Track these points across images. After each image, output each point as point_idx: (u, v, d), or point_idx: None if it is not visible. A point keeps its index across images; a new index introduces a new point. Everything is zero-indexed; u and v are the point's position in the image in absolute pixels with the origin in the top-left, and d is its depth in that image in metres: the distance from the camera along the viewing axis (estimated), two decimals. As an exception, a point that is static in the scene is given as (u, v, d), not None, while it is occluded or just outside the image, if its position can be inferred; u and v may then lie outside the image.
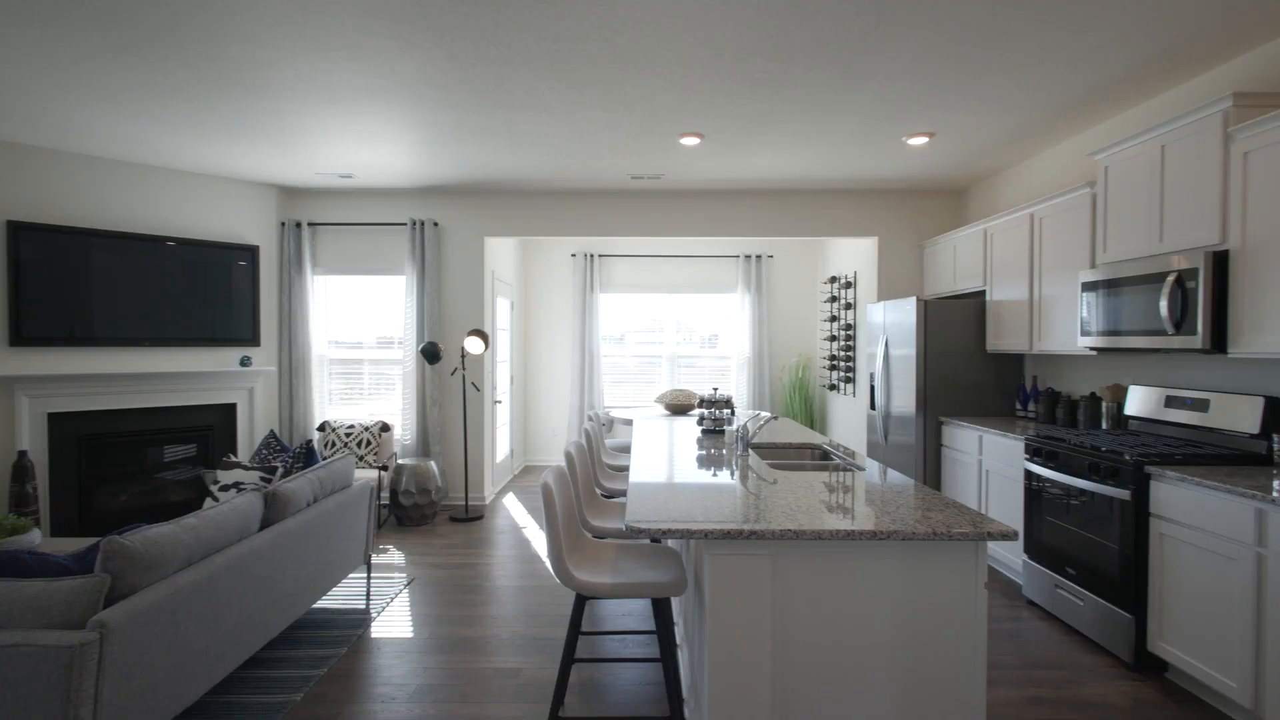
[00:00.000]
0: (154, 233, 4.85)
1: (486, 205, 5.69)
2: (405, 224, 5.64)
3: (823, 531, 1.75)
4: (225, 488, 3.47)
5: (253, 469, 3.52)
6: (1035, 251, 4.04)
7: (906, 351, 4.70)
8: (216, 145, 4.35)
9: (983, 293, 4.71)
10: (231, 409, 5.27)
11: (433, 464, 5.23)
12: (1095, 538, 3.04)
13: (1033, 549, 3.52)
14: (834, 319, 6.62)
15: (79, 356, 4.57)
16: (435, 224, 5.62)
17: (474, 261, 5.69)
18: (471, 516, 5.33)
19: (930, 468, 4.57)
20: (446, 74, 3.20)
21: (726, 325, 7.50)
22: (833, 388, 6.69)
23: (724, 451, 3.05)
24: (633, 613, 3.47)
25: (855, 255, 6.21)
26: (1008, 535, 1.74)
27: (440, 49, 2.94)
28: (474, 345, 5.23)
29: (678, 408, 4.83)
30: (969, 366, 4.59)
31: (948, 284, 5.13)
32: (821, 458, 3.24)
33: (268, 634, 2.65)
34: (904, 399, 4.74)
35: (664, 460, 2.84)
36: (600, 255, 7.36)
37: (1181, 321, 2.85)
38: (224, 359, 5.23)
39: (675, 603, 3.26)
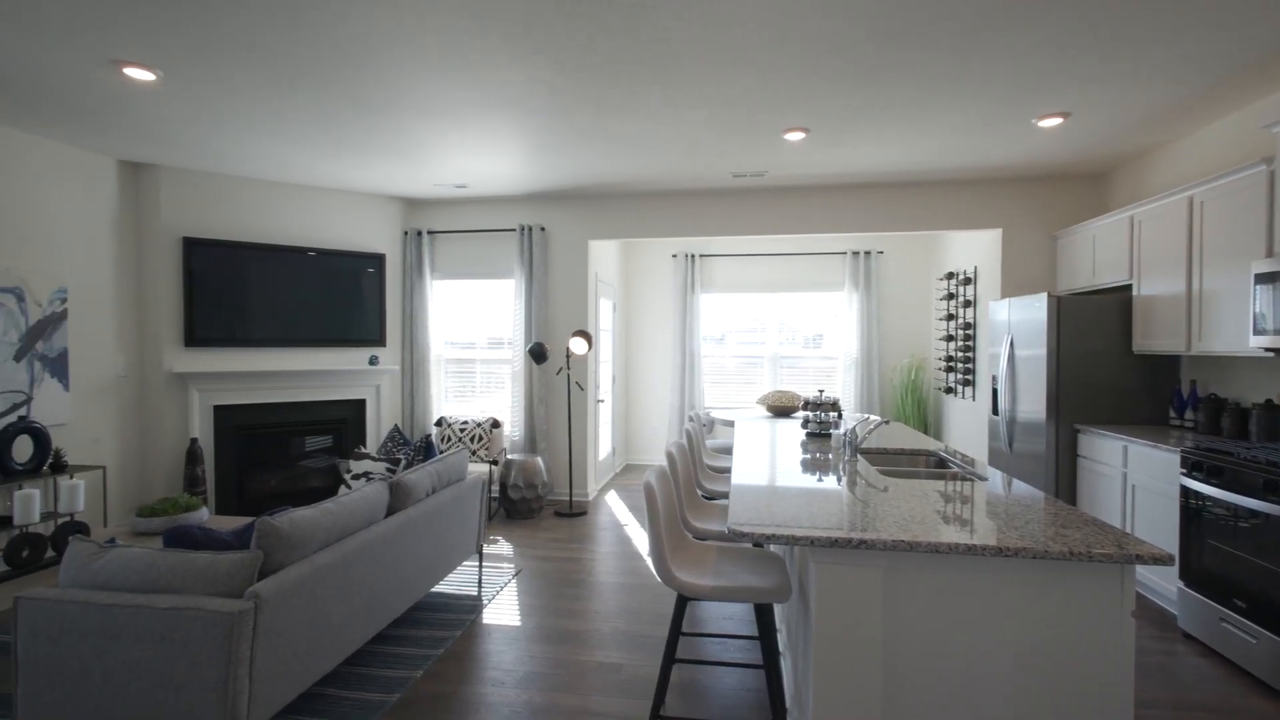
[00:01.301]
0: (297, 244, 5.39)
1: (590, 209, 5.83)
2: (514, 229, 5.90)
3: (940, 544, 1.64)
4: (356, 476, 3.78)
5: (380, 460, 3.82)
6: (1194, 240, 3.58)
7: (1035, 352, 4.31)
8: (349, 163, 4.76)
9: (1128, 287, 4.24)
10: (361, 404, 5.74)
11: (539, 460, 5.43)
12: (1273, 567, 2.64)
13: (1191, 576, 3.12)
14: (951, 317, 6.20)
15: (237, 356, 5.16)
16: (542, 229, 5.83)
17: (578, 264, 5.85)
18: (575, 512, 5.48)
19: (1063, 480, 4.17)
20: (553, 84, 3.32)
21: (832, 325, 7.23)
22: (949, 391, 6.27)
23: (830, 456, 2.94)
24: (733, 616, 3.42)
25: (975, 249, 5.79)
26: (1161, 559, 1.55)
27: (547, 59, 3.04)
28: (578, 345, 5.38)
29: (780, 409, 4.72)
30: (1110, 369, 4.14)
31: (1084, 278, 4.66)
32: (937, 465, 3.05)
33: (392, 613, 2.86)
34: (1032, 404, 4.36)
35: (767, 463, 2.78)
36: (701, 255, 7.34)
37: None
38: (355, 358, 5.71)
39: (778, 609, 3.19)
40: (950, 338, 6.18)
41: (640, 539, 4.79)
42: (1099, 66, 3.09)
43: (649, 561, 4.28)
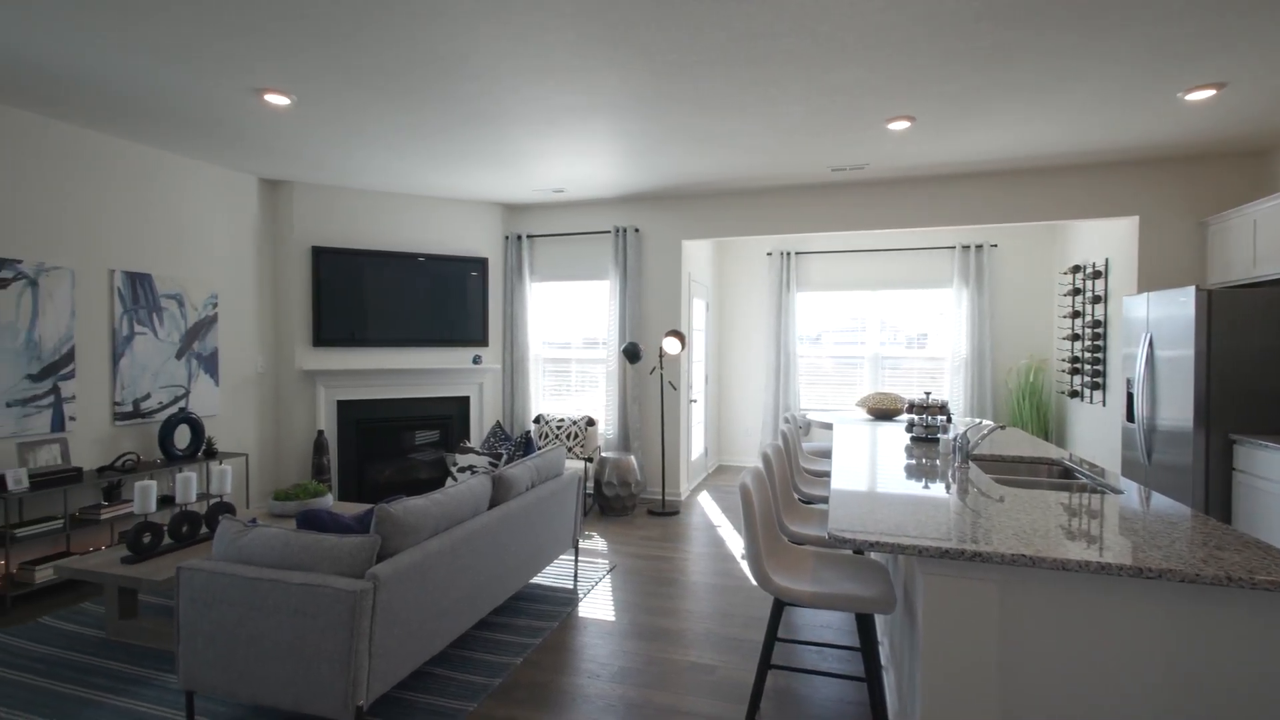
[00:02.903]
0: (408, 250, 5.76)
1: (683, 209, 5.83)
2: (609, 231, 6.00)
3: (1067, 561, 1.51)
4: (462, 469, 3.99)
5: (483, 454, 4.01)
6: (1386, 222, 3.08)
7: (1180, 353, 3.87)
8: (456, 172, 5.02)
9: (1297, 278, 3.72)
10: (466, 401, 6.05)
11: (633, 458, 5.50)
12: None
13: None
14: (1076, 315, 5.69)
15: (356, 355, 5.58)
16: (636, 230, 5.90)
17: (672, 264, 5.87)
18: (668, 511, 5.50)
19: (1214, 496, 3.71)
20: (647, 86, 3.34)
21: (938, 323, 6.83)
22: (1074, 394, 5.75)
23: (937, 462, 2.78)
24: (831, 625, 3.31)
25: (1106, 239, 5.27)
26: (1344, 591, 1.35)
27: (643, 62, 3.07)
28: (671, 345, 5.40)
29: (882, 412, 4.51)
30: (1274, 372, 3.65)
31: (1242, 269, 4.12)
32: (1061, 475, 2.81)
33: (493, 602, 2.99)
34: (1176, 410, 3.91)
35: (868, 467, 2.67)
36: (797, 253, 7.15)
37: None
38: (460, 358, 6.02)
39: (880, 621, 3.05)
40: (1076, 337, 5.67)
41: (733, 541, 4.74)
42: (1262, 28, 2.72)
43: (743, 564, 4.22)
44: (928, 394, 3.53)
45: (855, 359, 7.08)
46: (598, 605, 3.55)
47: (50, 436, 3.84)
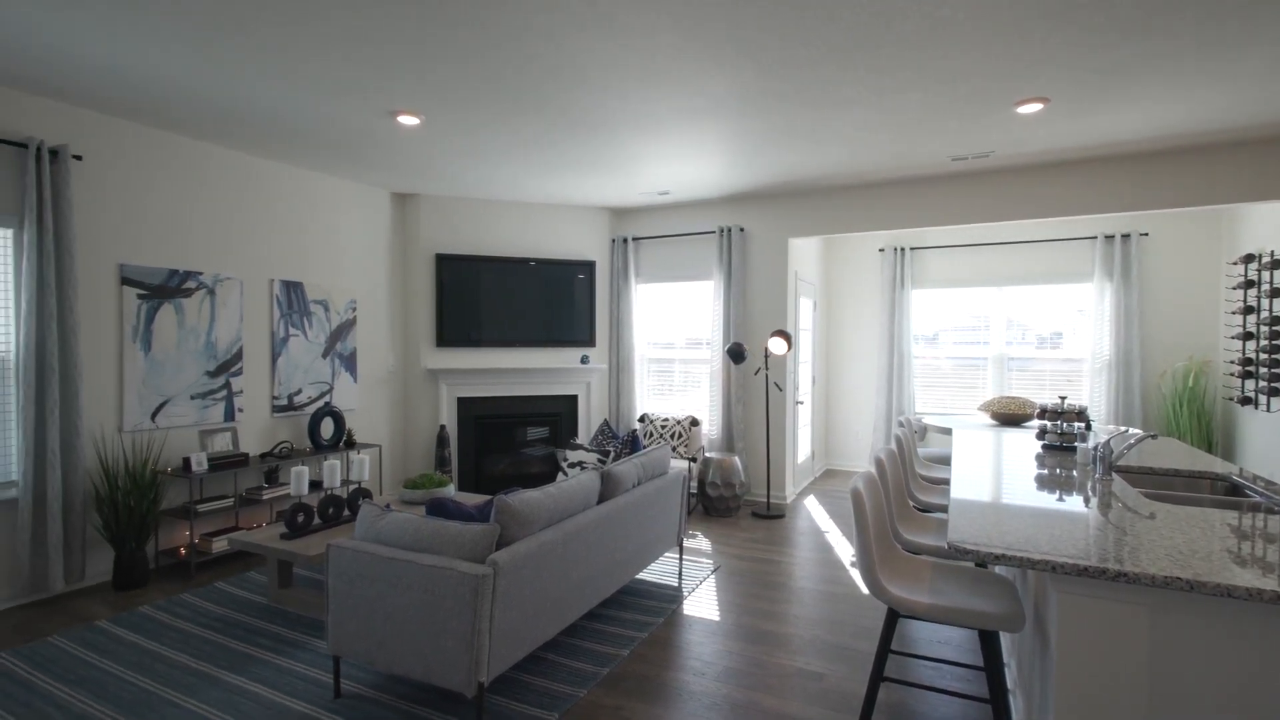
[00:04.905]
0: (520, 255, 6.05)
1: (790, 207, 5.72)
2: (714, 232, 6.00)
3: (1233, 588, 1.35)
4: (572, 465, 4.15)
5: (592, 451, 4.14)
6: None
7: (1386, 354, 3.30)
8: (565, 179, 5.22)
9: None
10: (574, 399, 6.27)
11: (737, 459, 5.46)
12: None
13: None
14: (1249, 310, 4.99)
15: (473, 355, 5.94)
16: (741, 229, 5.86)
17: (777, 263, 5.77)
18: (773, 514, 5.42)
19: None
20: (753, 84, 3.32)
21: (1076, 321, 6.23)
22: (1246, 401, 5.05)
23: (1074, 473, 2.56)
24: (950, 641, 3.13)
25: (1287, 224, 4.59)
26: None
27: (749, 61, 3.06)
28: (777, 346, 5.31)
29: (1008, 417, 4.20)
30: None
31: None
32: (1228, 492, 2.49)
33: (601, 594, 3.09)
34: (1380, 421, 3.34)
35: (992, 476, 2.51)
36: (912, 248, 6.79)
37: None
38: (568, 358, 6.25)
39: (1005, 640, 2.85)
40: (1249, 335, 4.98)
41: (842, 547, 4.59)
42: None
43: (853, 571, 4.08)
44: (1063, 398, 3.25)
45: (977, 360, 6.62)
46: (702, 604, 3.57)
47: (223, 426, 4.40)
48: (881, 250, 6.90)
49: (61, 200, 3.53)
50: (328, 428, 5.01)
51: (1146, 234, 5.91)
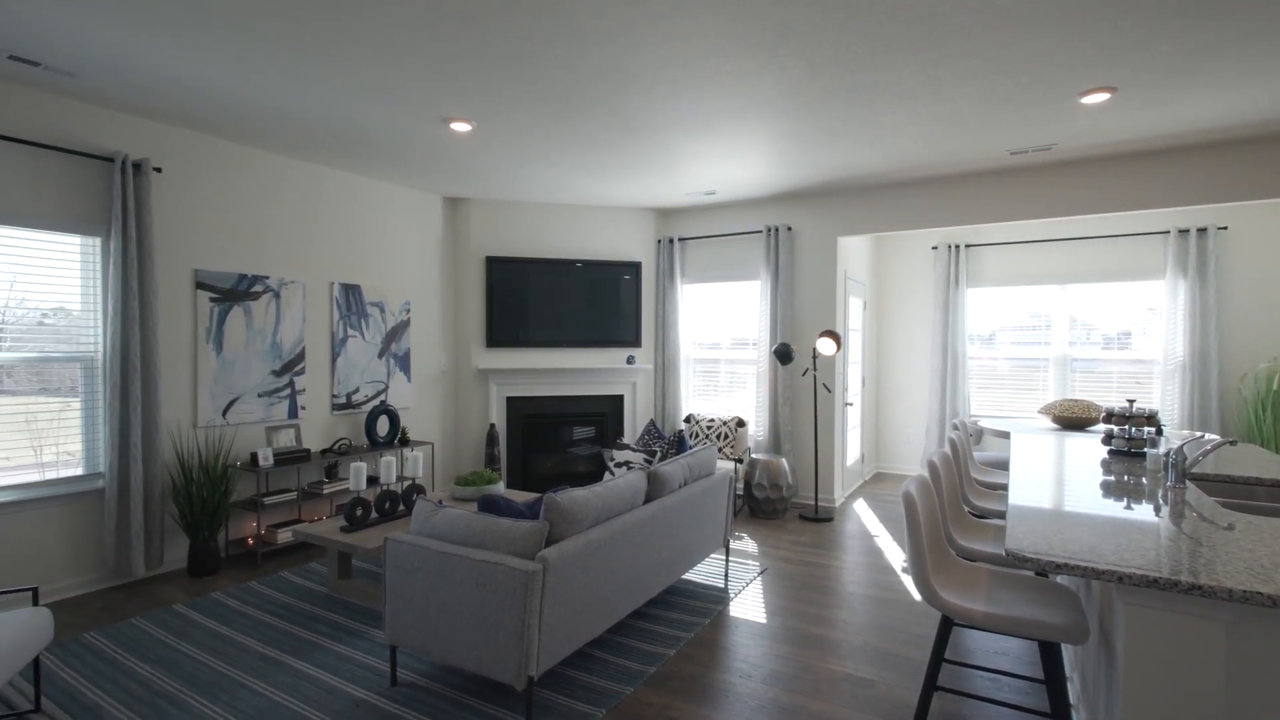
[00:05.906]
0: (567, 256, 6.13)
1: (839, 205, 5.62)
2: (760, 231, 5.95)
3: (1322, 605, 1.27)
4: (619, 464, 4.18)
5: (638, 451, 4.17)
6: None
7: None
8: (612, 181, 5.27)
9: None
10: (620, 399, 6.32)
11: (784, 461, 5.40)
12: None
13: None
14: (1341, 308, 4.64)
15: (521, 355, 6.05)
16: (789, 229, 5.79)
17: (826, 262, 5.68)
18: (821, 517, 5.33)
19: None
20: (803, 82, 3.28)
21: (1146, 321, 5.92)
22: (1337, 406, 4.71)
23: (1143, 480, 2.44)
24: (1007, 652, 3.03)
25: (1387, 214, 4.25)
26: None
27: (799, 59, 3.02)
28: (825, 346, 5.23)
29: (1071, 421, 4.03)
30: None
31: None
32: (1316, 503, 2.33)
33: (648, 593, 3.11)
34: None
35: (1053, 482, 2.41)
36: (967, 245, 6.57)
37: None
38: (614, 358, 6.29)
39: (1068, 652, 2.74)
40: (1339, 335, 4.63)
41: (893, 552, 4.49)
42: None
43: (904, 577, 3.99)
44: (1131, 402, 3.10)
45: (1037, 361, 6.36)
46: (748, 606, 3.55)
47: (287, 422, 4.61)
48: (935, 248, 6.70)
49: (143, 210, 3.77)
50: (383, 425, 5.19)
51: (1225, 228, 5.57)
